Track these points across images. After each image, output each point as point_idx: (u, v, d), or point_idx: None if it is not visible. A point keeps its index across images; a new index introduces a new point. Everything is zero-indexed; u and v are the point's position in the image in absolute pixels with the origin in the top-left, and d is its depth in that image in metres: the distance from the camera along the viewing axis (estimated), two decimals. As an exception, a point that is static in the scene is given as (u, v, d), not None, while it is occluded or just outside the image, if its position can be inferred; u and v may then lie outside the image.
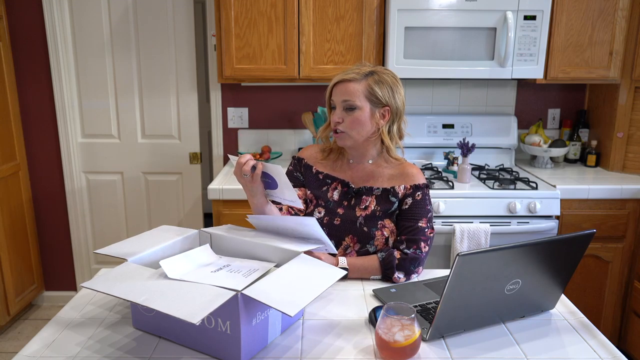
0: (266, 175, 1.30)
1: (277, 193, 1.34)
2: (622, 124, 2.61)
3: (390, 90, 1.44)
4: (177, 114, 2.95)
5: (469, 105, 2.90)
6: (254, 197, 1.36)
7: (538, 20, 2.37)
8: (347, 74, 1.44)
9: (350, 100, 1.42)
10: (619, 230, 2.40)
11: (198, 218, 3.10)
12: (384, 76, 1.44)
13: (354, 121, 1.43)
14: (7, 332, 2.85)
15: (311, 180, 1.57)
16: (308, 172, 1.58)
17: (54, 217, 3.05)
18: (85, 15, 2.81)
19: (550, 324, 1.20)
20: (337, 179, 1.54)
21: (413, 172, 1.50)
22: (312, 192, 1.56)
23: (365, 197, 1.49)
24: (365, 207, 1.48)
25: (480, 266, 1.04)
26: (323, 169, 1.57)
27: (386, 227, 1.47)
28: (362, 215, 1.48)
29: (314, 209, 1.54)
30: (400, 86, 1.47)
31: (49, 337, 1.11)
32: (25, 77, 2.85)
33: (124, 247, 1.23)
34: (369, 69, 1.45)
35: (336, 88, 1.45)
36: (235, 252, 1.29)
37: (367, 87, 1.42)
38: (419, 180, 1.49)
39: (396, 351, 1.01)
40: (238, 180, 1.34)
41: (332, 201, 1.52)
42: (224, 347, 1.02)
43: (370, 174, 1.52)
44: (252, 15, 2.42)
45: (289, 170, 1.61)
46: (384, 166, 1.52)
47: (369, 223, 1.47)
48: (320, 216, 1.52)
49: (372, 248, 1.47)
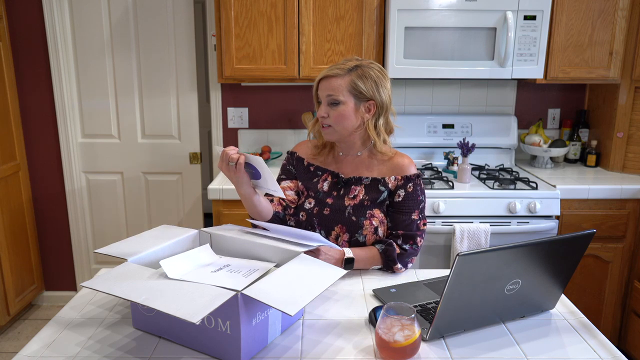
0: (250, 166, 1.34)
1: (262, 183, 1.38)
2: (622, 124, 2.61)
3: (375, 84, 1.45)
4: (177, 114, 2.95)
5: (469, 105, 2.90)
6: (240, 187, 1.39)
7: (538, 20, 2.37)
8: (331, 69, 1.46)
9: (334, 95, 1.44)
10: (619, 230, 2.40)
11: (198, 218, 3.10)
12: (369, 70, 1.45)
13: (338, 116, 1.45)
14: (7, 332, 2.85)
15: (302, 172, 1.61)
16: (300, 164, 1.62)
17: (54, 217, 3.05)
18: (85, 15, 2.81)
19: (550, 324, 1.20)
20: (327, 171, 1.57)
21: (404, 163, 1.51)
22: (303, 183, 1.59)
23: (354, 186, 1.52)
24: (354, 197, 1.51)
25: (480, 266, 1.04)
26: (314, 162, 1.60)
27: (375, 217, 1.49)
28: (350, 205, 1.50)
29: (305, 200, 1.56)
30: (387, 80, 1.48)
31: (49, 337, 1.11)
32: (25, 77, 2.85)
33: (124, 247, 1.23)
34: (354, 64, 1.46)
35: (321, 84, 1.48)
36: (235, 252, 1.29)
37: (350, 82, 1.44)
38: (409, 170, 1.51)
39: (396, 351, 1.01)
40: (224, 172, 1.37)
41: (322, 192, 1.55)
42: (224, 347, 1.02)
43: (360, 165, 1.54)
44: (252, 15, 2.42)
45: (283, 164, 1.66)
46: (374, 158, 1.54)
47: (358, 212, 1.49)
48: (311, 206, 1.54)
49: (361, 237, 1.49)
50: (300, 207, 1.56)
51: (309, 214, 1.53)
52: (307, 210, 1.54)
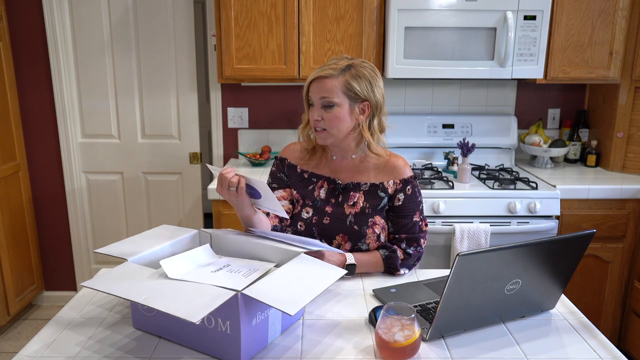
0: (249, 186, 1.28)
1: (262, 202, 1.32)
2: (622, 124, 2.61)
3: (369, 84, 1.38)
4: (177, 114, 2.95)
5: (469, 105, 2.90)
6: (242, 210, 1.32)
7: (538, 20, 2.37)
8: (323, 70, 1.38)
9: (328, 97, 1.37)
10: (619, 230, 2.40)
11: (198, 218, 3.10)
12: (362, 70, 1.38)
13: (333, 118, 1.38)
14: (7, 332, 2.85)
15: (296, 180, 1.53)
16: (292, 172, 1.54)
17: (54, 217, 3.05)
18: (85, 15, 2.81)
19: (550, 324, 1.20)
20: (323, 177, 1.50)
21: (399, 165, 1.47)
22: (298, 192, 1.53)
23: (352, 193, 1.47)
24: (354, 204, 1.46)
25: (480, 266, 1.04)
26: (307, 168, 1.53)
27: (377, 224, 1.46)
28: (351, 213, 1.46)
29: (302, 209, 1.51)
30: (380, 79, 1.42)
31: (49, 337, 1.11)
32: (25, 77, 2.85)
33: (124, 247, 1.23)
34: (346, 63, 1.38)
35: (313, 85, 1.40)
36: (235, 252, 1.29)
37: (344, 82, 1.36)
38: (406, 173, 1.47)
39: (396, 351, 1.01)
40: (224, 197, 1.30)
41: (319, 200, 1.49)
42: (224, 347, 1.02)
43: (356, 168, 1.49)
44: (252, 15, 2.42)
45: (272, 171, 1.57)
46: (368, 160, 1.48)
47: (359, 221, 1.45)
48: (309, 216, 1.49)
49: (364, 246, 1.46)
50: (298, 217, 1.50)
51: (308, 223, 1.48)
52: (306, 219, 1.48)
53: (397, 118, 2.77)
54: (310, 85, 1.41)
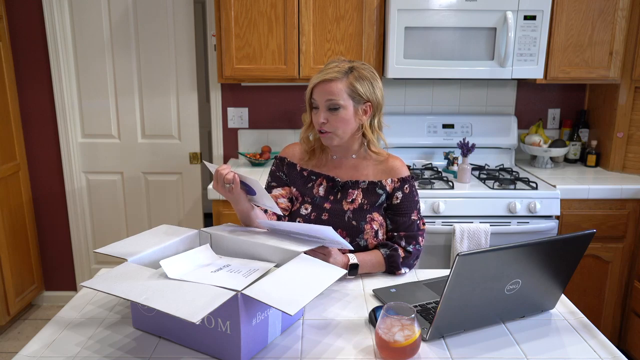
0: (244, 183, 1.33)
1: (257, 199, 1.37)
2: (622, 124, 2.61)
3: (371, 85, 1.42)
4: (177, 114, 2.95)
5: (469, 105, 2.90)
6: (238, 204, 1.37)
7: (538, 20, 2.37)
8: (327, 73, 1.41)
9: (334, 100, 1.39)
10: (619, 230, 2.40)
11: (198, 218, 3.10)
12: (363, 71, 1.42)
13: (339, 120, 1.41)
14: (7, 332, 2.85)
15: (296, 178, 1.56)
16: (292, 170, 1.57)
17: (54, 217, 3.05)
18: (85, 15, 2.81)
19: (550, 324, 1.20)
20: (322, 175, 1.53)
21: (397, 165, 1.51)
22: (298, 189, 1.55)
23: (351, 190, 1.50)
24: (352, 201, 1.49)
25: (480, 266, 1.04)
26: (306, 166, 1.56)
27: (375, 221, 1.48)
28: (350, 209, 1.48)
29: (300, 206, 1.53)
30: (379, 79, 1.46)
31: (49, 337, 1.11)
32: (25, 77, 2.85)
33: (124, 247, 1.23)
34: (348, 65, 1.42)
35: (317, 88, 1.42)
36: (235, 252, 1.29)
37: (349, 85, 1.40)
38: (404, 172, 1.50)
39: (396, 351, 1.01)
40: (220, 192, 1.35)
41: (318, 197, 1.52)
42: (224, 347, 1.02)
43: (355, 168, 1.52)
44: (252, 15, 2.42)
45: (272, 170, 1.60)
46: (367, 160, 1.52)
47: (358, 217, 1.48)
48: (308, 212, 1.51)
49: (362, 242, 1.48)
50: (296, 213, 1.52)
51: (307, 219, 1.50)
52: (304, 216, 1.51)
53: (397, 118, 2.77)
54: (314, 88, 1.43)
